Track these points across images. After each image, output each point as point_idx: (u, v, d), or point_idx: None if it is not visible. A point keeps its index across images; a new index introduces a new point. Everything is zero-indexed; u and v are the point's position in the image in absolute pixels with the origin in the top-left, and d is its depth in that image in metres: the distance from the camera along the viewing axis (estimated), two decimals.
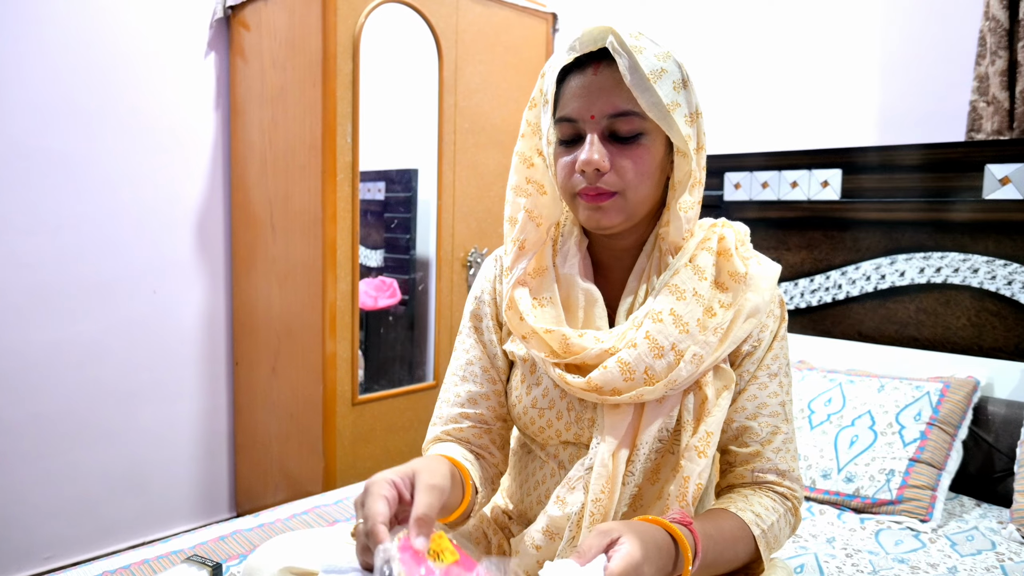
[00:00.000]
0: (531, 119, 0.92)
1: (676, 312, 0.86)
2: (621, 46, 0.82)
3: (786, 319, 0.96)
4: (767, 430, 0.92)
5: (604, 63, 0.84)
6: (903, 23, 2.05)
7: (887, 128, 2.09)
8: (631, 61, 0.81)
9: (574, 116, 0.85)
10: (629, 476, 0.87)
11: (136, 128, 2.30)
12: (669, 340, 0.85)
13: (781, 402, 0.94)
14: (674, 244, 0.90)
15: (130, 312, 2.34)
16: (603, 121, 0.84)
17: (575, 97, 0.85)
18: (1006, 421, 1.71)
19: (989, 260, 1.81)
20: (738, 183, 2.26)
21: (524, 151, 0.93)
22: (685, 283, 0.88)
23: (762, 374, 0.93)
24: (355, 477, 2.22)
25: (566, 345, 0.88)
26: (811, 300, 2.14)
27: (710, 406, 0.87)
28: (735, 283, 0.89)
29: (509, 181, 0.95)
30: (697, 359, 0.86)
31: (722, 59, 2.42)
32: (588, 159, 0.83)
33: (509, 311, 0.92)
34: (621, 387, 0.85)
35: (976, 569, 1.35)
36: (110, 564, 1.29)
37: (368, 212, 2.55)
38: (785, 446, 0.93)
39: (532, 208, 0.92)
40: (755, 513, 0.88)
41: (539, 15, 2.65)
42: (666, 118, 0.83)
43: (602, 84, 0.84)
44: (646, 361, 0.85)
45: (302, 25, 2.15)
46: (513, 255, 0.94)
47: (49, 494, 2.21)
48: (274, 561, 0.85)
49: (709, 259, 0.90)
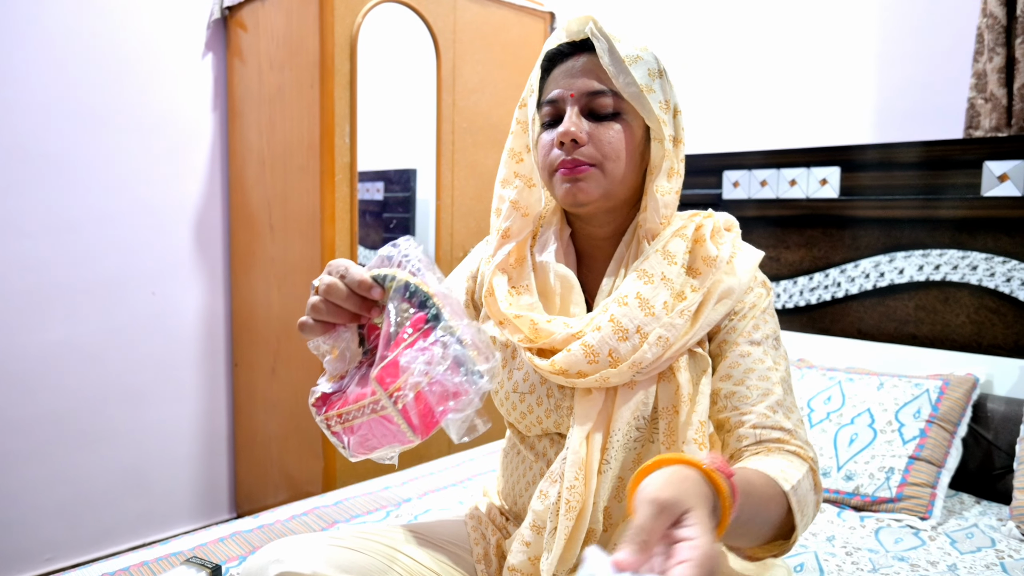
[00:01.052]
0: (521, 117, 0.95)
1: (642, 295, 0.86)
2: (600, 32, 0.89)
3: (770, 294, 0.93)
4: (757, 392, 0.87)
5: (587, 52, 0.90)
6: (900, 20, 2.05)
7: (885, 125, 2.09)
8: (608, 45, 0.88)
9: (555, 97, 0.90)
10: (605, 464, 0.86)
11: (135, 130, 2.30)
12: (633, 323, 0.85)
13: (768, 368, 0.88)
14: (651, 231, 0.91)
15: (129, 313, 2.34)
16: (583, 99, 0.89)
17: (558, 81, 0.91)
18: (1005, 418, 1.70)
19: (988, 257, 1.81)
20: (736, 181, 2.26)
21: (514, 147, 0.96)
22: (654, 267, 0.88)
23: (743, 341, 0.89)
24: (355, 478, 2.22)
25: (535, 330, 0.90)
26: (810, 298, 2.13)
27: (685, 393, 0.85)
28: (707, 267, 0.89)
29: (498, 176, 0.99)
30: (663, 341, 0.84)
31: (720, 57, 2.42)
32: (566, 130, 0.87)
33: (488, 297, 0.95)
34: (585, 369, 0.86)
35: (976, 566, 1.35)
36: (109, 566, 1.29)
37: (367, 212, 2.54)
38: (783, 408, 0.86)
39: (518, 199, 0.96)
40: (780, 468, 0.78)
41: (537, 14, 2.65)
42: (639, 98, 0.88)
43: (582, 67, 0.90)
44: (610, 344, 0.85)
45: (299, 25, 2.15)
46: (496, 242, 0.97)
47: (49, 495, 2.22)
48: (272, 565, 0.85)
49: (682, 245, 0.90)
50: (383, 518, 1.54)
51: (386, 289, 0.70)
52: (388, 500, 1.64)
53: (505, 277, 0.95)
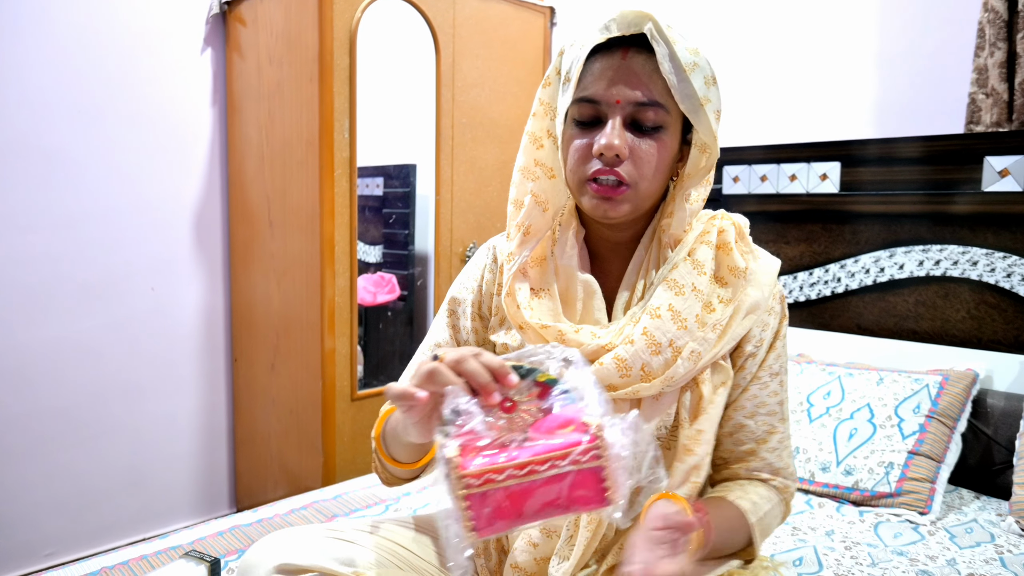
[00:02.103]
0: (544, 98, 0.89)
1: (674, 308, 0.86)
2: (660, 34, 0.80)
3: (787, 316, 0.96)
4: (763, 429, 0.93)
5: (634, 49, 0.82)
6: (901, 15, 2.04)
7: (886, 121, 2.08)
8: (669, 50, 0.80)
9: (597, 98, 0.82)
10: None
11: (133, 125, 2.30)
12: (667, 337, 0.85)
13: (780, 401, 0.94)
14: (674, 237, 0.90)
15: (128, 309, 2.34)
16: (628, 107, 0.81)
17: (601, 79, 0.82)
18: (1005, 413, 1.70)
19: (988, 252, 1.81)
20: (737, 176, 2.25)
21: (535, 131, 0.90)
22: (684, 278, 0.87)
23: (764, 374, 0.93)
24: (354, 473, 2.22)
25: (563, 341, 0.87)
26: (810, 293, 2.13)
27: (706, 404, 0.87)
28: (735, 278, 0.89)
29: (517, 162, 0.92)
30: (695, 356, 0.85)
31: (720, 52, 2.41)
32: (609, 143, 0.80)
33: (508, 298, 0.90)
34: (617, 383, 0.85)
35: (975, 561, 1.35)
36: (109, 560, 1.29)
37: (366, 208, 2.54)
38: (781, 444, 0.95)
39: (539, 192, 0.90)
40: (752, 502, 0.90)
41: (537, 9, 2.64)
42: (697, 111, 0.82)
43: (632, 69, 0.81)
44: (643, 358, 0.84)
45: (298, 20, 2.15)
46: (518, 240, 0.91)
47: (49, 491, 2.22)
48: (269, 558, 0.85)
49: (708, 253, 0.89)
50: (382, 512, 1.54)
51: (540, 380, 0.68)
52: (387, 494, 1.64)
53: (526, 282, 0.91)
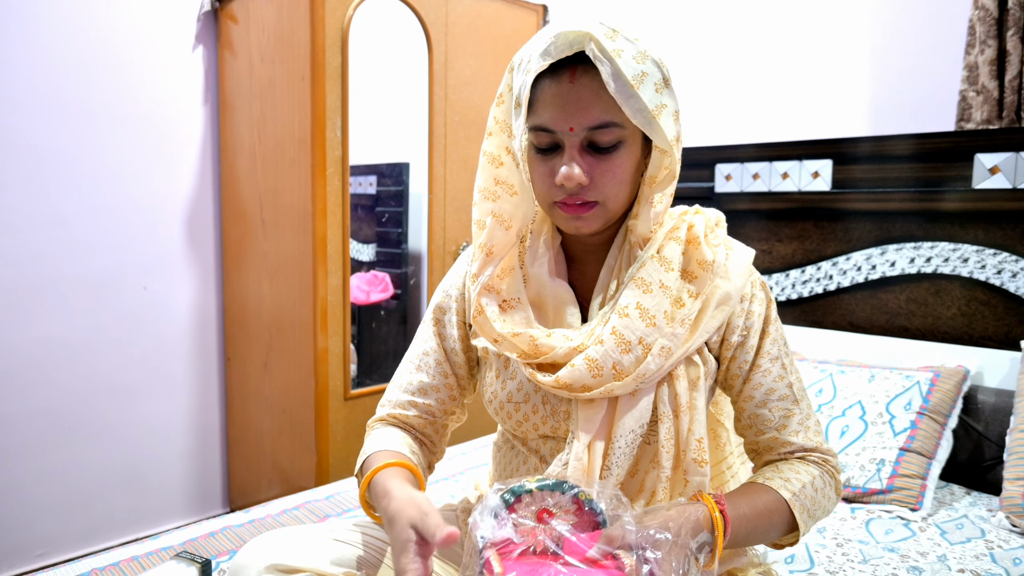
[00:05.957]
0: (499, 116, 0.89)
1: (642, 305, 0.86)
2: (602, 52, 0.78)
3: (773, 301, 0.95)
4: (779, 415, 0.93)
5: (580, 68, 0.81)
6: (893, 12, 2.05)
7: (877, 118, 2.09)
8: (613, 68, 0.78)
9: (551, 127, 0.82)
10: (607, 471, 0.87)
11: (125, 123, 2.29)
12: (636, 334, 0.85)
13: (788, 384, 0.93)
14: (642, 236, 0.89)
15: (120, 308, 2.33)
16: (582, 133, 0.81)
17: (551, 106, 0.82)
18: (995, 410, 1.71)
19: (979, 249, 1.81)
20: (729, 174, 2.26)
21: (492, 150, 0.90)
22: (651, 275, 0.87)
23: (763, 361, 0.92)
24: (347, 472, 2.22)
25: (535, 346, 0.88)
26: (802, 291, 2.14)
27: (684, 401, 0.87)
28: (703, 271, 0.89)
29: (476, 182, 0.92)
30: (665, 351, 0.85)
31: (712, 50, 2.41)
32: (568, 174, 0.81)
33: (478, 316, 0.91)
34: (591, 383, 0.85)
35: (966, 557, 1.36)
36: (100, 561, 1.28)
37: (359, 206, 2.54)
38: (802, 425, 0.94)
39: (500, 212, 0.90)
40: (783, 478, 0.90)
41: (529, 7, 2.64)
42: (651, 124, 0.81)
43: (580, 94, 0.80)
44: (613, 357, 0.85)
45: (290, 18, 2.14)
46: (480, 261, 0.92)
47: (41, 491, 2.21)
48: (260, 558, 0.85)
49: (677, 249, 0.89)
50: None
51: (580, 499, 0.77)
52: None
53: (493, 296, 0.91)
